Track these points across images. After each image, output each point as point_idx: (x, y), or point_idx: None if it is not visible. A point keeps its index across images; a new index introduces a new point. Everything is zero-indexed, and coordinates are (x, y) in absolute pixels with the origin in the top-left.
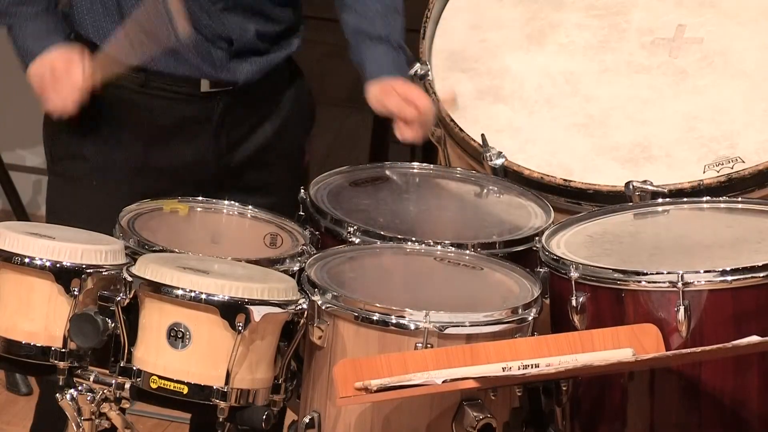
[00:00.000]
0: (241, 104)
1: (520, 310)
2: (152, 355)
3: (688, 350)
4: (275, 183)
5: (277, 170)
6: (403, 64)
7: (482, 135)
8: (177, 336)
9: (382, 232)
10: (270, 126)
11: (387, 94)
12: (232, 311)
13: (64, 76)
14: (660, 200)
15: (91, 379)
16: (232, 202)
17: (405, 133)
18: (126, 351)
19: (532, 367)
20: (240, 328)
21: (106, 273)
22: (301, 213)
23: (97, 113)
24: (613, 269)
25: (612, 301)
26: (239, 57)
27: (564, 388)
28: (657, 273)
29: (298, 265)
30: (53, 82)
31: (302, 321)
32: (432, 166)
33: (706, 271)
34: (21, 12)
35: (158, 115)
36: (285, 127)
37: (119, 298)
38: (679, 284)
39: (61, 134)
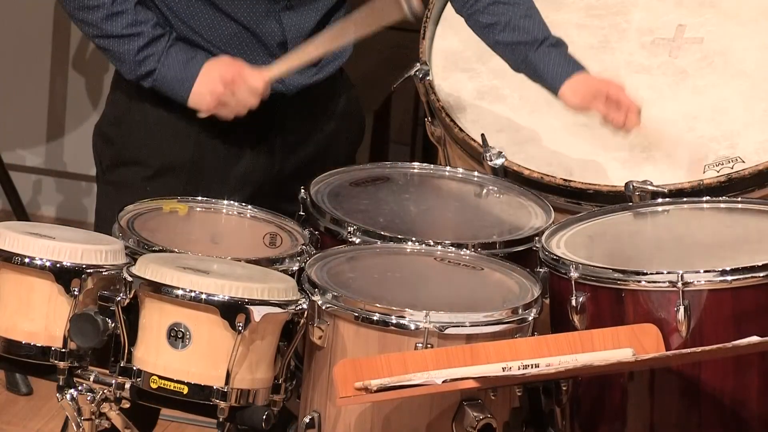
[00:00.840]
0: (296, 110)
1: (520, 310)
2: (152, 355)
3: (688, 350)
4: None
5: None
6: (570, 56)
7: (482, 135)
8: (177, 336)
9: (382, 232)
10: (322, 134)
11: (590, 99)
12: (232, 311)
13: (240, 81)
14: (660, 200)
15: (91, 379)
16: (232, 202)
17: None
18: (126, 351)
19: (532, 367)
20: (240, 328)
21: (106, 273)
22: (301, 213)
23: (151, 118)
24: (613, 269)
25: (612, 301)
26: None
27: (564, 388)
28: (657, 273)
29: (297, 264)
30: (229, 93)
31: (302, 321)
32: (432, 166)
33: (706, 271)
34: (153, 53)
35: (213, 119)
36: (337, 136)
37: (119, 298)
38: (679, 284)
39: (111, 143)
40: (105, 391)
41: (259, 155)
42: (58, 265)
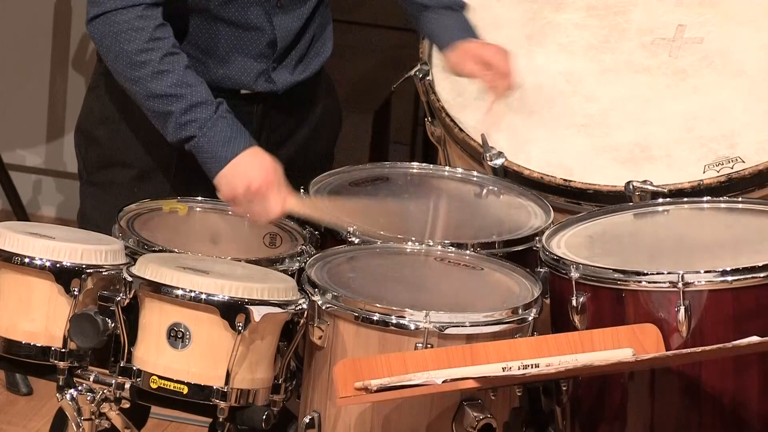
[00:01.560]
0: (281, 108)
1: (520, 310)
2: (152, 355)
3: (688, 350)
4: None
5: (310, 175)
6: (468, 24)
7: (482, 135)
8: (177, 336)
9: (382, 232)
10: (305, 130)
11: (462, 59)
12: (232, 311)
13: (262, 197)
14: (660, 200)
15: (91, 379)
16: (215, 198)
17: (494, 93)
18: (126, 351)
19: (532, 367)
20: (240, 328)
21: (106, 273)
22: None
23: (138, 118)
24: (613, 269)
25: (612, 301)
26: (280, 64)
27: (564, 388)
28: (657, 273)
29: (297, 264)
30: (247, 200)
31: (302, 321)
32: (432, 166)
33: (706, 271)
34: (199, 118)
35: None
36: (317, 132)
37: (119, 298)
38: (680, 284)
39: (96, 144)
40: (105, 391)
41: None
42: (58, 265)
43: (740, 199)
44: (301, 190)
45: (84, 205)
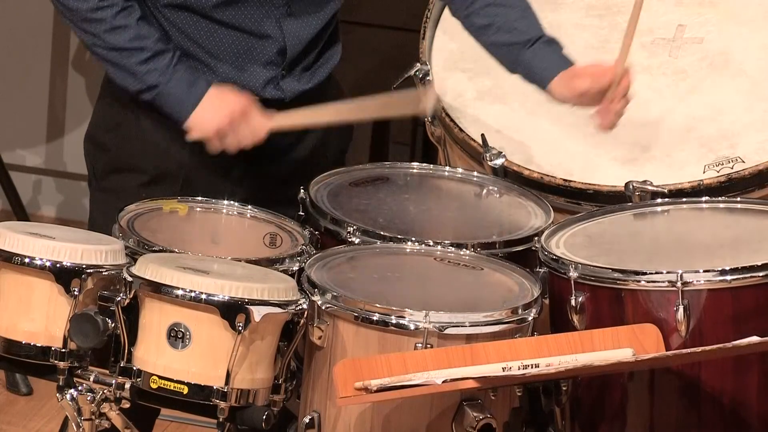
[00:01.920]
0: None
1: (520, 310)
2: (152, 355)
3: (688, 350)
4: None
5: None
6: (564, 54)
7: (482, 135)
8: (177, 336)
9: (381, 232)
10: (312, 139)
11: (573, 78)
12: (232, 311)
13: (244, 120)
14: (660, 200)
15: (91, 379)
16: (232, 202)
17: (604, 118)
18: (126, 351)
19: (532, 367)
20: (240, 328)
21: (106, 273)
22: (301, 213)
23: (146, 125)
24: (612, 269)
25: (611, 301)
26: (289, 73)
27: (564, 388)
28: (656, 273)
29: (297, 265)
30: (231, 129)
31: (302, 321)
32: (432, 166)
33: (705, 271)
34: (156, 68)
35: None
36: (326, 141)
37: (119, 298)
38: (679, 284)
39: (105, 150)
40: (105, 391)
41: (251, 161)
42: (58, 265)
43: (740, 199)
44: (302, 191)
45: (94, 211)
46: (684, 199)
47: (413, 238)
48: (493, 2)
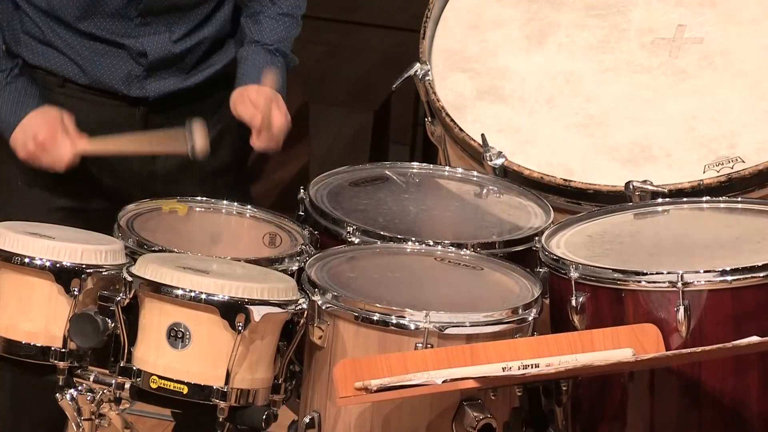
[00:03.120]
0: (163, 111)
1: (520, 310)
2: (152, 355)
3: (688, 350)
4: (218, 195)
5: (208, 183)
6: (271, 71)
7: (482, 135)
8: (177, 336)
9: (381, 232)
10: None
11: (241, 102)
12: (232, 311)
13: (49, 146)
14: (660, 200)
15: (91, 379)
16: (232, 202)
17: (255, 142)
18: (126, 351)
19: (532, 367)
20: (240, 328)
21: (106, 273)
22: (301, 213)
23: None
24: (612, 269)
25: (612, 301)
26: (154, 74)
27: (564, 388)
28: (657, 273)
29: (297, 264)
30: (39, 153)
31: (302, 321)
32: (432, 166)
33: (705, 271)
34: None
35: (79, 117)
36: (218, 141)
37: (119, 298)
38: (679, 284)
39: None
40: (105, 391)
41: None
42: (58, 265)
43: (740, 199)
44: (301, 190)
45: None
46: (684, 199)
47: (413, 238)
48: None
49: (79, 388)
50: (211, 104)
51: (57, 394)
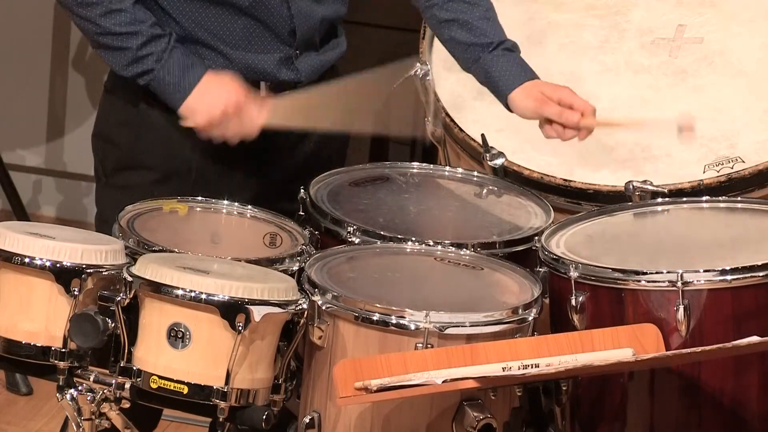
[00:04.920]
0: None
1: (520, 310)
2: (152, 355)
3: (688, 350)
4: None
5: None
6: (525, 65)
7: (482, 135)
8: (177, 336)
9: (381, 232)
10: (314, 136)
11: (543, 103)
12: (232, 311)
13: (238, 114)
14: (660, 200)
15: (91, 379)
16: (232, 201)
17: (563, 134)
18: (126, 351)
19: (532, 367)
20: (240, 328)
21: (106, 273)
22: (301, 213)
23: (157, 121)
24: (612, 269)
25: (612, 301)
26: (301, 52)
27: (564, 388)
28: (657, 272)
29: (297, 264)
30: (227, 118)
31: (302, 321)
32: (432, 166)
33: (705, 271)
34: (152, 53)
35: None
36: (327, 137)
37: (119, 298)
38: (679, 284)
39: (115, 147)
40: (105, 391)
41: (258, 158)
42: (58, 265)
43: (740, 199)
44: (301, 190)
45: (103, 208)
46: (684, 199)
47: (413, 238)
48: None
49: (79, 388)
50: None
51: (57, 394)
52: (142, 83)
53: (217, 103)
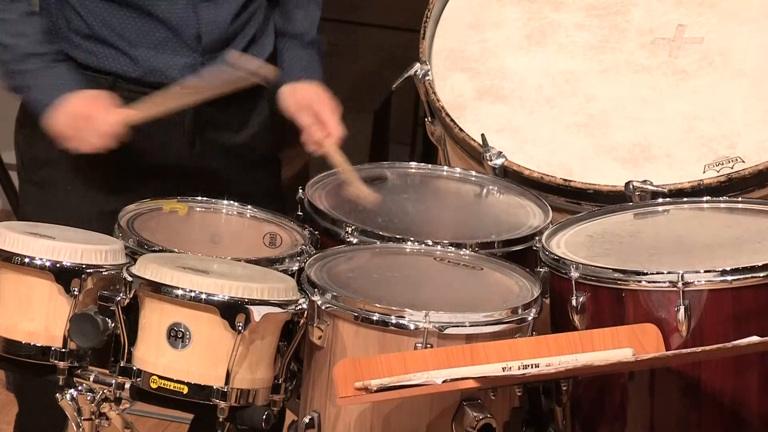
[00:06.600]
0: (212, 107)
1: (520, 310)
2: (152, 355)
3: (688, 350)
4: (254, 193)
5: (250, 176)
6: (317, 63)
7: (482, 135)
8: (177, 336)
9: (380, 232)
10: (244, 133)
11: (301, 108)
12: (232, 311)
13: (95, 116)
14: (660, 200)
15: (91, 379)
16: (232, 202)
17: (307, 144)
18: (126, 351)
19: (532, 367)
20: (240, 328)
21: (106, 273)
22: (300, 213)
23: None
24: (613, 269)
25: (612, 301)
26: (209, 59)
27: (564, 388)
28: (657, 273)
29: (297, 264)
30: (82, 126)
31: (302, 321)
32: (431, 166)
33: (706, 271)
34: (31, 69)
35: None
36: (259, 136)
37: (119, 298)
38: (679, 284)
39: (34, 142)
40: (105, 391)
41: (181, 152)
42: (58, 265)
43: (740, 199)
44: (300, 191)
45: (23, 203)
46: (684, 199)
47: (412, 238)
48: None
49: (79, 388)
50: (256, 100)
51: (57, 394)
52: (18, 95)
53: (65, 117)
